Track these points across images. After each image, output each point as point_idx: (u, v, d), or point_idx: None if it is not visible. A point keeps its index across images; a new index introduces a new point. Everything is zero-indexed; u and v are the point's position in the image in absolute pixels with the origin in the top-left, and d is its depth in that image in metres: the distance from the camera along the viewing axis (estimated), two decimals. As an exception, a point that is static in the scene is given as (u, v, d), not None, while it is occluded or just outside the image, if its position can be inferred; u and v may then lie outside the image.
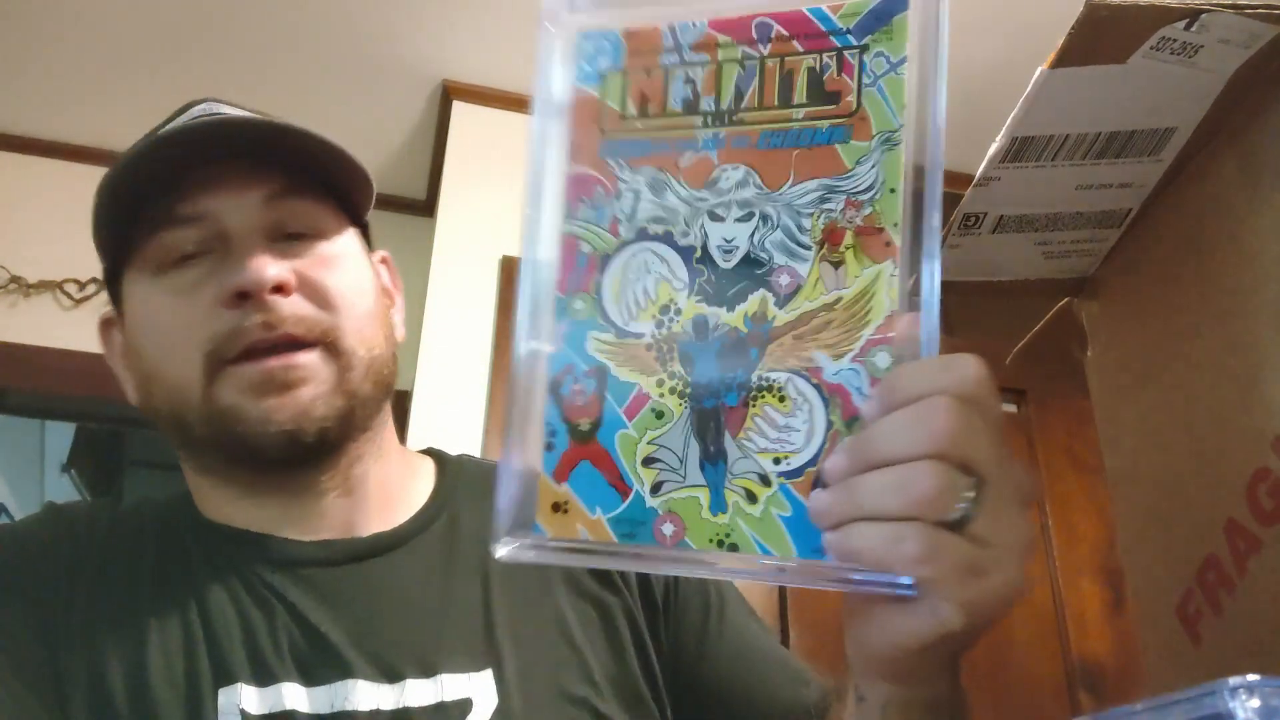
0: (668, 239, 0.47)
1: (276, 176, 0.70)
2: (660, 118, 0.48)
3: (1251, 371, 0.53)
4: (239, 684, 0.63)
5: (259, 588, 0.68)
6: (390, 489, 0.75)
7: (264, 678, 0.64)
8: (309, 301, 0.69)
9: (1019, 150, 0.55)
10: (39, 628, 0.65)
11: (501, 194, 2.12)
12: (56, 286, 2.31)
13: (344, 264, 0.72)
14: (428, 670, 0.65)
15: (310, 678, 0.64)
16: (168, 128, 0.72)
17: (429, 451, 0.83)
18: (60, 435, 3.40)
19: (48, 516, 0.74)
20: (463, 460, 0.82)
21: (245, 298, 0.66)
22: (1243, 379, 0.54)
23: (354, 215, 0.76)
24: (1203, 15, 0.47)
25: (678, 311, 0.46)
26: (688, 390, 0.46)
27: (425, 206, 2.55)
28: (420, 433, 1.93)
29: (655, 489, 0.45)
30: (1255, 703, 0.32)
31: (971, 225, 0.61)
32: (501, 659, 0.67)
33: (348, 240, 0.74)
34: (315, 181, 0.72)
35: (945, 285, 0.68)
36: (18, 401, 2.43)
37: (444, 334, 2.05)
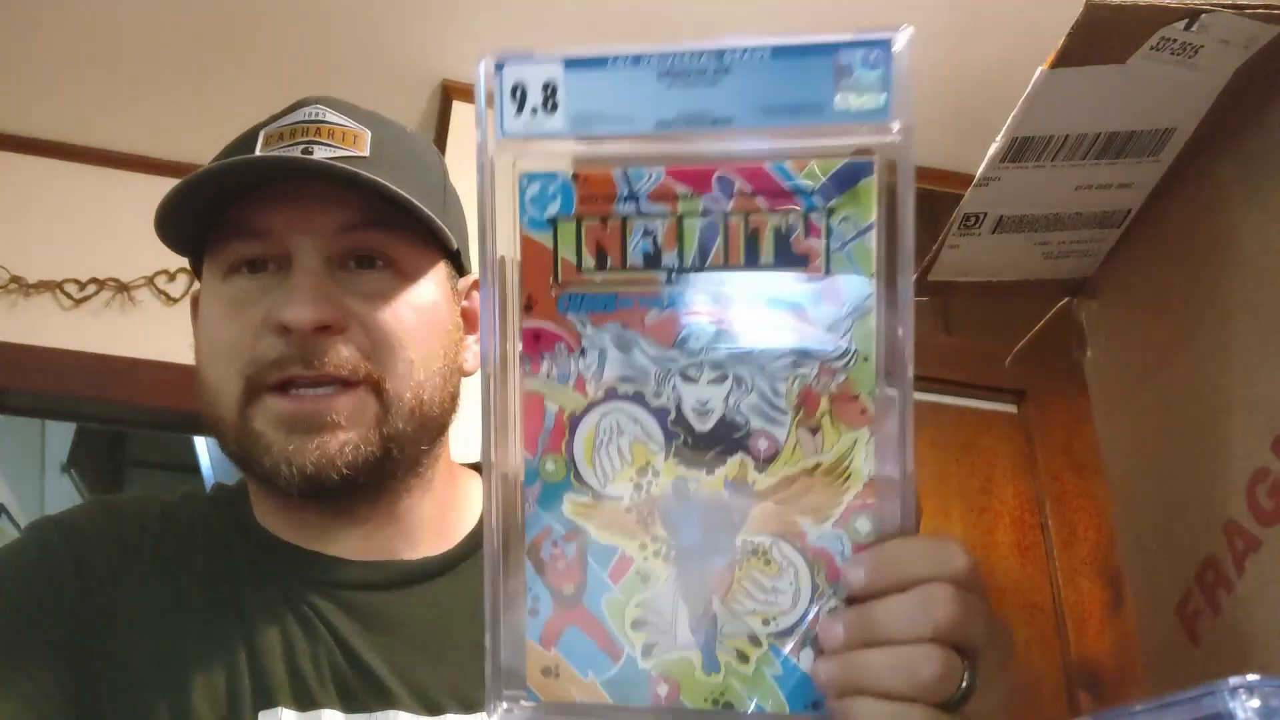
0: (639, 399, 0.46)
1: (357, 205, 0.68)
2: (620, 271, 0.46)
3: (1250, 371, 0.54)
4: (280, 708, 0.63)
5: (302, 607, 0.67)
6: (438, 519, 0.74)
7: (305, 702, 0.63)
8: (358, 344, 0.67)
9: (1019, 150, 0.55)
10: (79, 623, 0.65)
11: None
12: (56, 286, 2.31)
13: (409, 301, 0.70)
14: (469, 706, 0.65)
15: (351, 705, 0.64)
16: (257, 149, 0.70)
17: (478, 467, 0.81)
18: (60, 435, 3.40)
19: (96, 509, 0.73)
20: None
21: (289, 330, 0.65)
22: (1241, 379, 0.54)
23: (445, 242, 0.73)
24: (1203, 16, 0.47)
25: (656, 474, 0.46)
26: (672, 553, 0.46)
27: (425, 206, 2.55)
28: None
29: (646, 651, 0.46)
30: (1255, 703, 0.32)
31: (971, 226, 0.61)
32: None
33: (424, 272, 0.71)
34: (402, 211, 0.69)
35: (945, 285, 0.68)
36: (18, 401, 2.42)
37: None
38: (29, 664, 0.63)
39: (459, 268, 0.76)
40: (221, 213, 0.69)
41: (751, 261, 0.45)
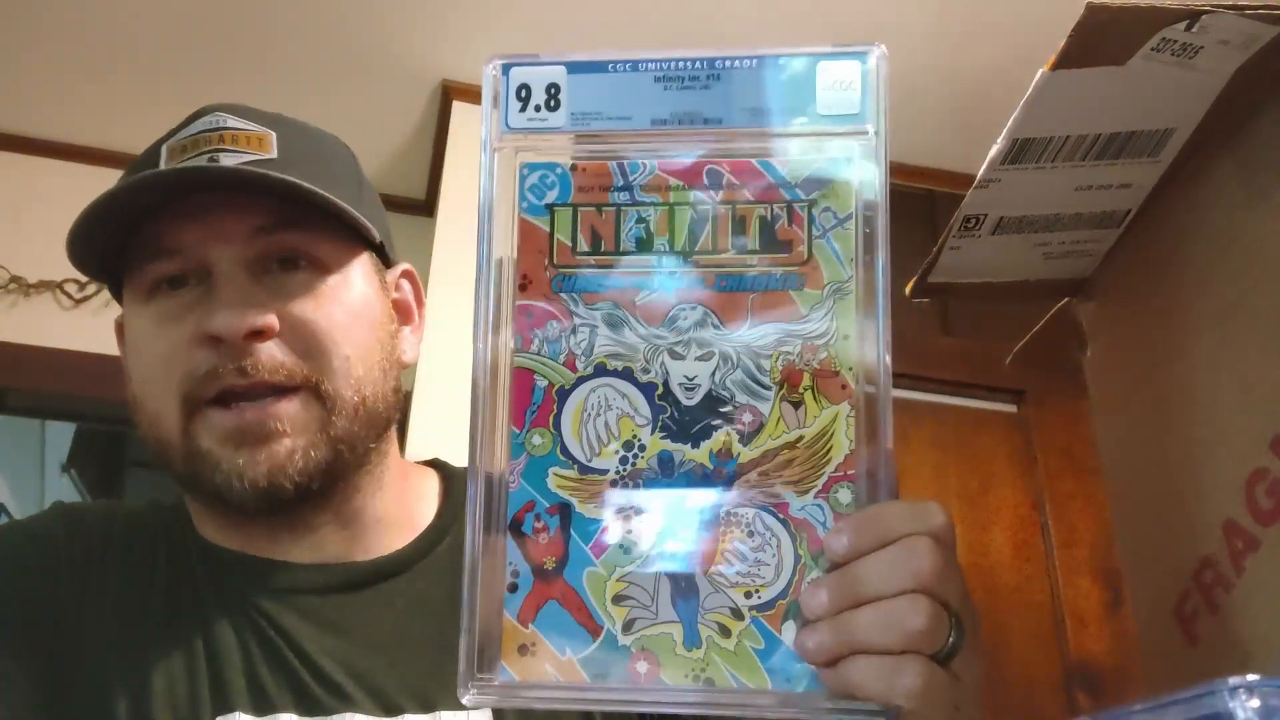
0: (627, 375, 0.48)
1: (269, 208, 0.67)
2: (613, 254, 0.49)
3: (1249, 371, 0.54)
4: (237, 712, 0.63)
5: (257, 615, 0.67)
6: (391, 517, 0.74)
7: (262, 707, 0.64)
8: (291, 346, 0.66)
9: (1019, 152, 0.55)
10: (46, 630, 0.66)
11: (501, 194, 2.12)
12: (56, 286, 2.31)
13: (338, 297, 0.69)
14: (426, 706, 0.65)
15: (307, 708, 0.64)
16: (161, 165, 0.69)
17: (433, 464, 0.81)
18: (60, 435, 3.40)
19: (61, 517, 0.73)
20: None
21: (220, 341, 0.65)
22: (1240, 379, 0.54)
23: (366, 234, 0.72)
24: (1203, 16, 0.47)
25: (641, 448, 0.47)
26: (656, 526, 0.46)
27: (425, 206, 2.55)
28: (421, 433, 1.93)
29: (627, 626, 0.46)
30: (1255, 703, 0.32)
31: (971, 227, 0.61)
32: None
33: (349, 267, 0.71)
34: (317, 208, 0.68)
35: (945, 287, 0.68)
36: (18, 401, 2.43)
37: (444, 333, 2.05)
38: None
39: (385, 259, 0.76)
40: (134, 234, 0.69)
41: (739, 247, 0.48)
